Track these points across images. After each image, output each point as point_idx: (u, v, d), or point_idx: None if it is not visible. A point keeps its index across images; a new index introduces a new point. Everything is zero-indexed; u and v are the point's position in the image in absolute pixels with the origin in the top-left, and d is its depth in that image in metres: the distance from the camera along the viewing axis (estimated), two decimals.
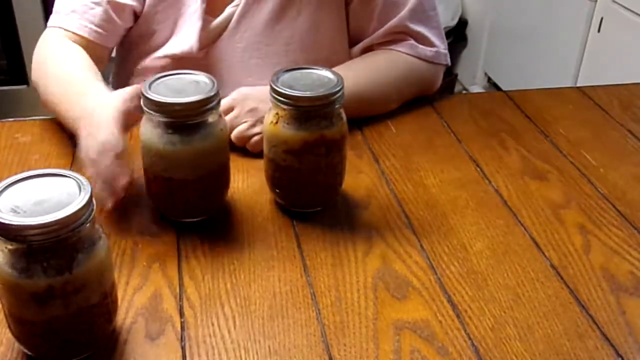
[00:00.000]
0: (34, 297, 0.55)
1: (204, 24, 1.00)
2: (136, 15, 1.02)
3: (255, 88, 0.93)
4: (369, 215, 0.81)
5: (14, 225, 0.52)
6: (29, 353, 0.61)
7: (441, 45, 1.08)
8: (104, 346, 0.62)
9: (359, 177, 0.87)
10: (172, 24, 1.02)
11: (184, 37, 1.01)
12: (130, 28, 1.03)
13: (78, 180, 0.57)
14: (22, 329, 0.58)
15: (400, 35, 1.05)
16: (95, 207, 0.57)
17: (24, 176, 0.58)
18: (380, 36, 1.04)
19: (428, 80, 1.08)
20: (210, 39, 1.02)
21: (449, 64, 1.10)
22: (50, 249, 0.54)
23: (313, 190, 0.79)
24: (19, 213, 0.54)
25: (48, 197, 0.56)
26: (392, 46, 1.05)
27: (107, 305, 0.60)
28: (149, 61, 1.04)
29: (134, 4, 1.00)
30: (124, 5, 0.99)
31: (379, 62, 1.04)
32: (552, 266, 0.74)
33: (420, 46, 1.05)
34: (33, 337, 0.58)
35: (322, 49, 1.04)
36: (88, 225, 0.56)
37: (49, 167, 0.83)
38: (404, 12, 1.03)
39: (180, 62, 1.00)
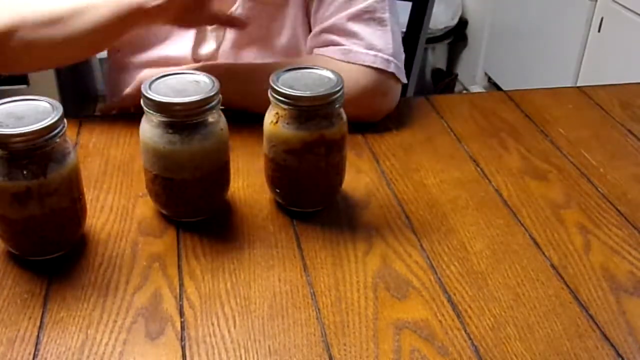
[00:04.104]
0: (15, 197, 0.67)
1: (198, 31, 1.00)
2: None
3: None
4: (369, 215, 0.81)
5: None
6: (12, 250, 0.72)
7: (385, 50, 0.93)
8: (75, 247, 0.73)
9: (359, 177, 0.87)
10: (166, 30, 1.02)
11: (178, 42, 1.01)
12: None
13: (51, 103, 0.68)
14: (5, 228, 0.70)
15: (334, 36, 0.95)
16: (66, 126, 0.68)
17: (6, 100, 0.69)
18: (316, 35, 0.97)
19: (364, 89, 0.92)
20: (202, 58, 1.02)
21: (395, 73, 0.94)
22: (28, 156, 0.66)
23: (313, 190, 0.79)
24: (2, 126, 0.65)
25: (27, 115, 0.67)
26: (321, 51, 0.95)
27: (76, 210, 0.72)
28: (145, 59, 1.04)
29: None
30: None
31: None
32: (552, 266, 0.74)
33: (356, 49, 0.93)
34: (15, 234, 0.70)
35: (300, 54, 1.03)
36: (59, 138, 0.67)
37: None
38: (347, 12, 0.94)
39: (174, 62, 1.00)
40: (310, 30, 1.01)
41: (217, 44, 1.02)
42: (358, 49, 0.93)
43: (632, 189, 0.87)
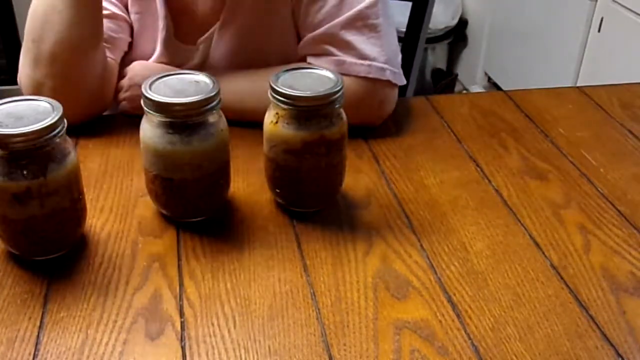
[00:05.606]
0: (15, 197, 0.66)
1: (169, 48, 1.00)
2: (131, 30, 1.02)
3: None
4: (369, 215, 0.81)
5: None
6: (12, 250, 0.71)
7: (379, 58, 0.93)
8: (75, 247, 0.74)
9: (359, 177, 0.87)
10: (152, 42, 1.01)
11: (163, 58, 1.01)
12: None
13: (51, 103, 0.68)
14: (5, 228, 0.70)
15: (327, 46, 0.94)
16: (66, 125, 0.68)
17: (6, 100, 0.69)
18: (309, 43, 0.96)
19: (360, 100, 0.93)
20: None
21: (391, 80, 0.94)
22: (28, 156, 0.65)
23: (313, 190, 0.79)
24: (2, 126, 0.65)
25: (27, 115, 0.67)
26: (315, 61, 0.95)
27: (76, 210, 0.72)
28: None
29: (126, 15, 1.00)
30: (121, 17, 0.99)
31: None
32: (552, 266, 0.74)
33: (349, 61, 0.93)
34: (15, 234, 0.70)
35: (292, 60, 1.02)
36: (59, 138, 0.67)
37: None
38: (339, 19, 0.93)
39: None
40: (299, 37, 1.00)
41: (203, 57, 1.01)
42: (351, 59, 0.93)
43: (632, 189, 0.87)
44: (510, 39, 2.54)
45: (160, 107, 0.71)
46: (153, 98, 0.71)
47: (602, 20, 1.95)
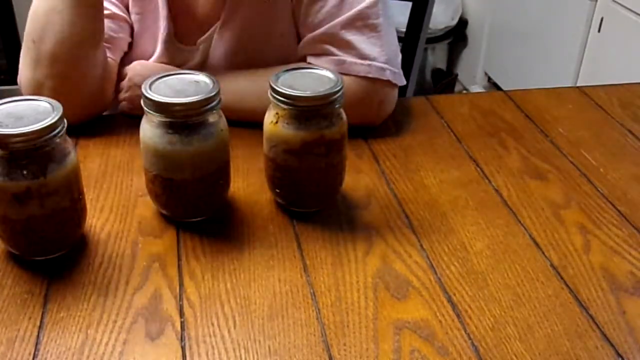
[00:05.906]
0: (15, 197, 0.66)
1: (170, 49, 1.00)
2: (132, 30, 1.02)
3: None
4: (369, 215, 0.81)
5: None
6: (12, 250, 0.71)
7: (379, 58, 0.93)
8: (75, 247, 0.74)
9: (359, 177, 0.87)
10: (152, 42, 1.01)
11: (163, 58, 1.01)
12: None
13: (51, 103, 0.68)
14: (5, 228, 0.70)
15: (327, 45, 0.95)
16: (66, 125, 0.68)
17: (6, 100, 0.69)
18: (309, 43, 0.97)
19: (360, 100, 0.93)
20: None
21: (391, 79, 0.94)
22: (28, 156, 0.66)
23: (313, 190, 0.79)
24: (2, 126, 0.65)
25: (27, 115, 0.67)
26: (315, 60, 0.96)
27: (76, 210, 0.72)
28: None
29: (126, 16, 1.00)
30: (122, 18, 0.99)
31: None
32: (552, 266, 0.74)
33: (349, 60, 0.93)
34: (15, 234, 0.69)
35: (292, 60, 1.02)
36: (59, 138, 0.67)
37: None
38: (340, 19, 0.93)
39: None
40: (299, 37, 1.00)
41: (203, 57, 1.01)
42: (352, 59, 0.93)
43: (632, 189, 0.87)
44: (510, 39, 2.54)
45: (160, 107, 0.71)
46: (153, 98, 0.71)
47: (602, 20, 1.95)
